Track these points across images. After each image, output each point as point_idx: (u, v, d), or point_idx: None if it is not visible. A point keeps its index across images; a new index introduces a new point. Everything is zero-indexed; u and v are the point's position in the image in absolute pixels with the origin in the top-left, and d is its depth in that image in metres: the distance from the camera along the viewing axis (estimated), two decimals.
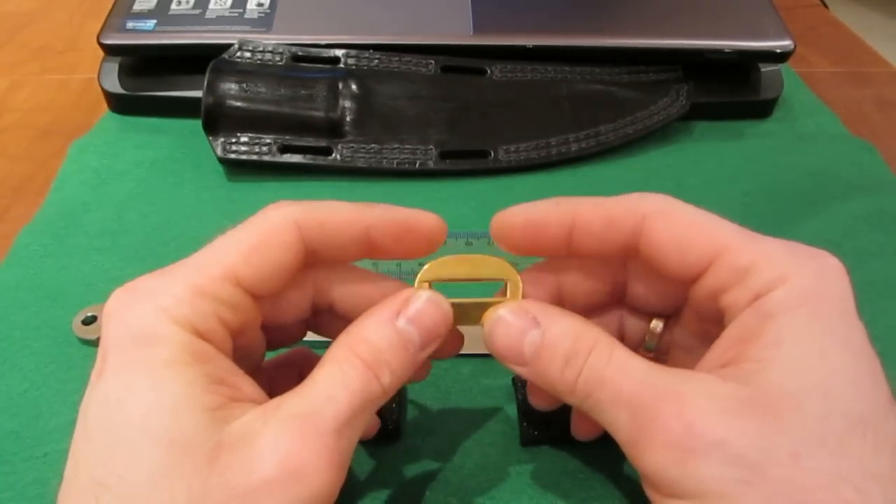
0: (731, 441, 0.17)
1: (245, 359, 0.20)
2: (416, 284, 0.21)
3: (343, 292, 0.22)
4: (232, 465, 0.17)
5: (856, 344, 0.18)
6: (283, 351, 0.25)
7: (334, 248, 0.21)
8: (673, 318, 0.23)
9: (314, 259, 0.21)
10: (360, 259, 0.22)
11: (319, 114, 0.39)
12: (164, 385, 0.17)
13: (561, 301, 0.23)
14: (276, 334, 0.22)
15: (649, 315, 0.23)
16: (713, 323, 0.20)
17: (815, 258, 0.19)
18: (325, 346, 0.29)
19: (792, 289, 0.18)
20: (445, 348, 0.22)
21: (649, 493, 0.19)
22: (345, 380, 0.18)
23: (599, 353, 0.19)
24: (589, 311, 0.23)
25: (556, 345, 0.20)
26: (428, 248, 0.22)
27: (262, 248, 0.19)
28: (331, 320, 0.23)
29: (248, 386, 0.19)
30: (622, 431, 0.19)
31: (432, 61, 0.41)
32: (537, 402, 0.24)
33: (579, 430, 0.24)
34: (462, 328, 0.22)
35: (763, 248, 0.19)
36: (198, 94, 0.38)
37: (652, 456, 0.17)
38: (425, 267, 0.21)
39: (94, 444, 0.17)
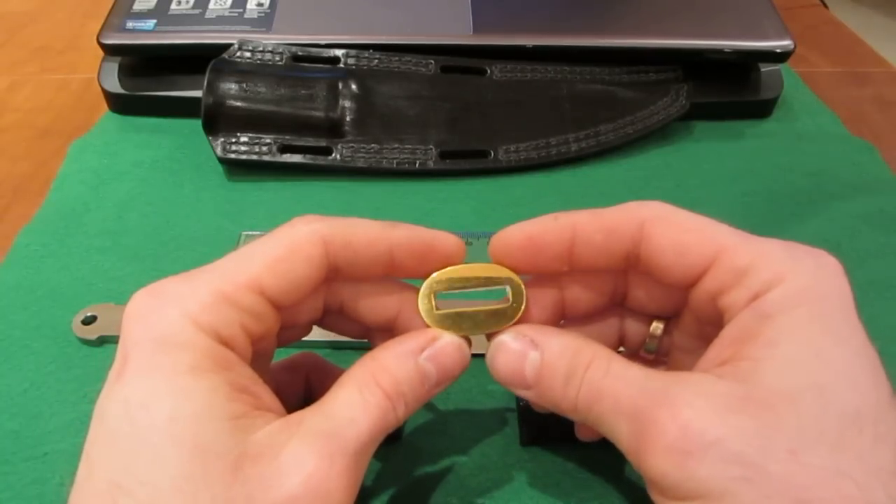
0: (728, 439, 0.17)
1: (256, 362, 0.20)
2: (421, 294, 0.21)
3: (353, 294, 0.22)
4: (256, 476, 0.17)
5: (854, 341, 0.18)
6: (289, 353, 0.25)
7: (358, 265, 0.21)
8: (673, 320, 0.23)
9: (336, 275, 0.21)
10: (380, 276, 0.22)
11: (319, 114, 0.39)
12: (188, 391, 0.17)
13: (563, 309, 0.23)
14: (284, 333, 0.22)
15: (650, 317, 0.24)
16: (713, 325, 0.20)
17: (812, 257, 0.19)
18: (327, 346, 0.29)
19: (789, 288, 0.18)
20: None
21: (656, 498, 0.18)
22: (366, 406, 0.19)
23: (596, 367, 0.19)
24: (590, 315, 0.23)
25: (555, 364, 0.20)
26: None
27: (288, 260, 0.20)
28: (337, 319, 0.23)
29: (267, 395, 0.19)
30: (624, 441, 0.19)
31: (432, 61, 0.41)
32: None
33: (584, 433, 0.24)
34: None
35: (761, 248, 0.19)
36: (198, 94, 0.38)
37: (653, 461, 0.17)
38: (432, 276, 0.21)
39: (115, 447, 0.17)
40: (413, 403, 0.20)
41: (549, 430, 0.26)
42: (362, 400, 0.19)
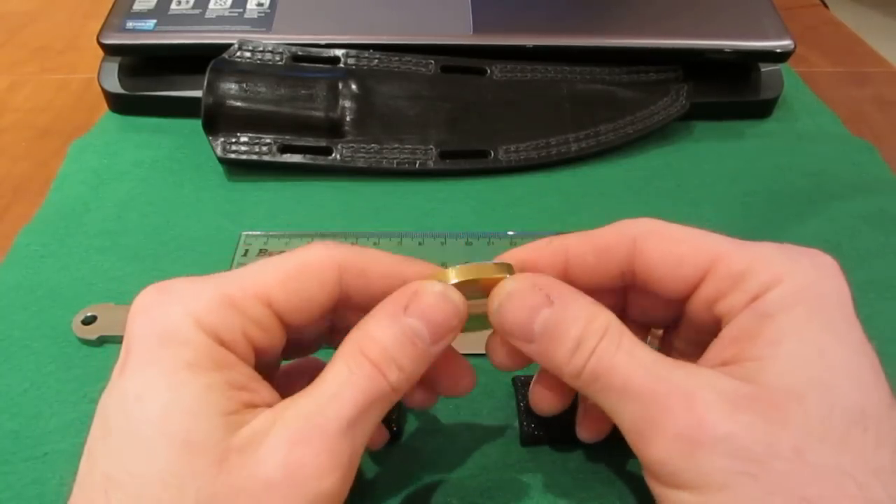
0: (738, 435, 0.17)
1: (260, 371, 0.20)
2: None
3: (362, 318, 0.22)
4: (239, 467, 0.17)
5: (854, 340, 0.18)
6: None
7: (370, 296, 0.20)
8: (673, 329, 0.23)
9: (346, 304, 0.21)
10: None
11: (319, 114, 0.39)
12: (184, 386, 0.17)
13: None
14: (290, 350, 0.22)
15: (649, 326, 0.24)
16: (712, 334, 0.20)
17: (808, 257, 0.19)
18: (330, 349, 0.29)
19: (788, 288, 0.18)
20: (459, 383, 0.22)
21: (651, 483, 0.19)
22: (351, 378, 0.18)
23: (610, 339, 0.19)
24: None
25: (568, 327, 0.19)
26: None
27: (300, 279, 0.20)
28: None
29: (267, 392, 0.19)
30: (628, 421, 0.19)
31: (432, 61, 0.41)
32: (541, 407, 0.24)
33: (585, 432, 0.24)
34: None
35: (756, 252, 0.19)
36: (198, 93, 0.38)
37: (658, 446, 0.18)
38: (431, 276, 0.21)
39: (111, 440, 0.17)
40: (410, 366, 0.19)
41: (549, 430, 0.26)
42: (348, 373, 0.18)
